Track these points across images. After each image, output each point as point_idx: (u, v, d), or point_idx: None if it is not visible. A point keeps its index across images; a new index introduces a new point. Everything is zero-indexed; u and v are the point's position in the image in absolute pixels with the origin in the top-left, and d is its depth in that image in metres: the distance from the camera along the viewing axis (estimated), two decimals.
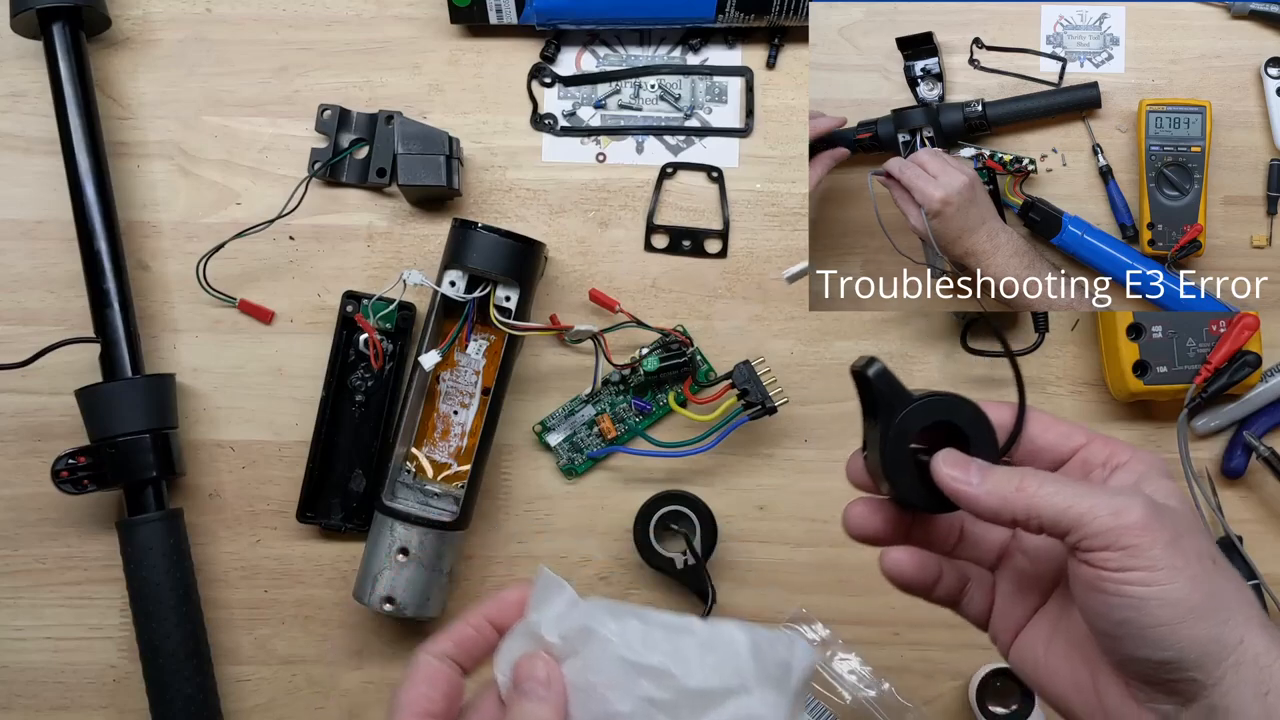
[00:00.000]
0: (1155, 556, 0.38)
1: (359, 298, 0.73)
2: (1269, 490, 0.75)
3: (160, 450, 0.70)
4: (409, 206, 0.76)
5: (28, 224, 0.76)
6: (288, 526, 0.74)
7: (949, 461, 0.42)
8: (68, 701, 0.74)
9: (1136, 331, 0.72)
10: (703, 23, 0.76)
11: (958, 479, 0.42)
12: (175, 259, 0.76)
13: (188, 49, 0.77)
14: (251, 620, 0.75)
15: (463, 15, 0.75)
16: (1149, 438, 0.76)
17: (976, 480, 0.42)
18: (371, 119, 0.76)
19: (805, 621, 0.74)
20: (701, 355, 0.75)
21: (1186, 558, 0.38)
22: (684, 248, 0.76)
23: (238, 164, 0.77)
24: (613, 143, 0.77)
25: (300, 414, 0.74)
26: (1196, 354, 0.72)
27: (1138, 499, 0.39)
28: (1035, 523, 0.40)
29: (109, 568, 0.73)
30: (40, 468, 0.70)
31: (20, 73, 0.76)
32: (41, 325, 0.75)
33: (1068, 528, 0.39)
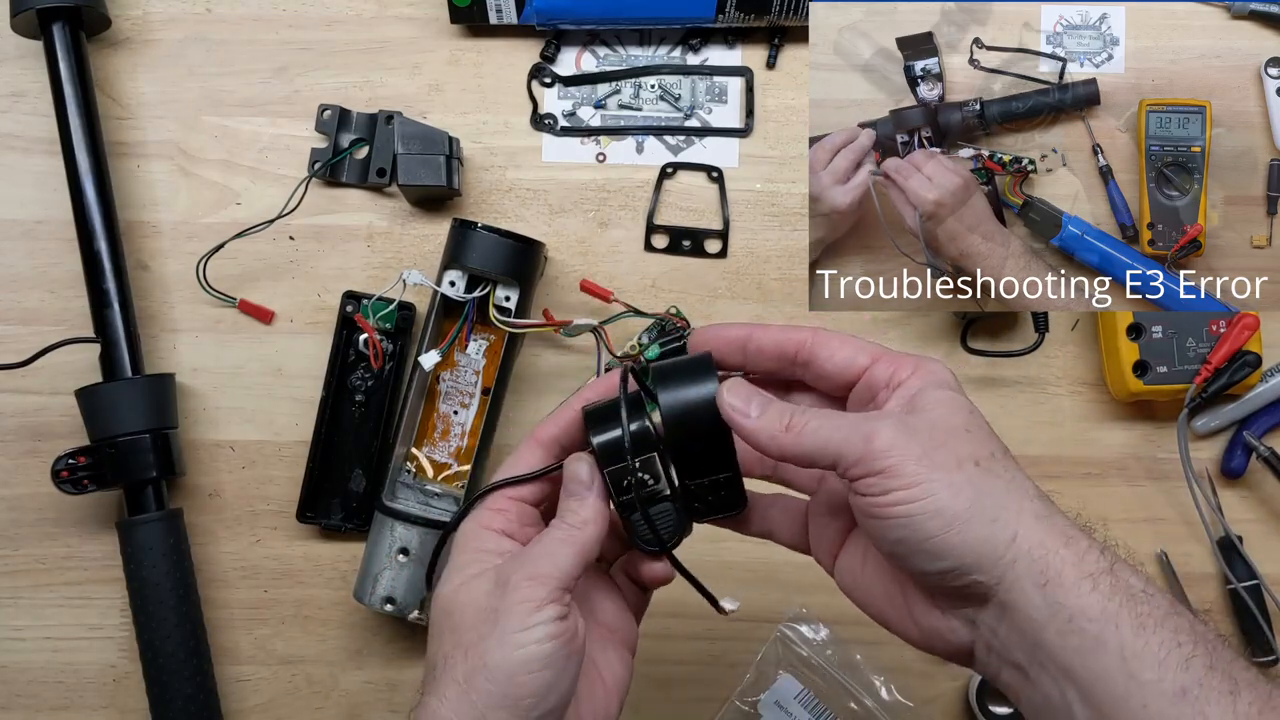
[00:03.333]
0: (909, 473, 0.39)
1: (359, 298, 0.73)
2: (1269, 490, 0.75)
3: (160, 450, 0.70)
4: (409, 206, 0.76)
5: (28, 224, 0.76)
6: (288, 526, 0.74)
7: (734, 390, 0.44)
8: (68, 701, 0.74)
9: (1136, 331, 0.72)
10: (703, 23, 0.76)
11: (737, 409, 0.43)
12: (175, 259, 0.76)
13: (187, 49, 0.77)
14: (251, 620, 0.75)
15: (463, 15, 0.75)
16: (1149, 438, 0.76)
17: (755, 413, 0.43)
18: (371, 119, 0.76)
19: (805, 621, 0.74)
20: None
21: (943, 467, 0.39)
22: (684, 248, 0.76)
23: (238, 164, 0.77)
24: (613, 143, 0.77)
25: (300, 414, 0.74)
26: (1196, 354, 0.72)
27: (885, 421, 0.40)
28: (806, 459, 0.42)
29: (109, 568, 0.73)
30: (40, 468, 0.70)
31: (20, 73, 0.76)
32: (41, 325, 0.75)
33: (832, 461, 0.41)
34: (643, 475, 0.46)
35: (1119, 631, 0.37)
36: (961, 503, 0.39)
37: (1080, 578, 0.38)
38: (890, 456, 0.39)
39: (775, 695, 0.72)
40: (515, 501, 0.48)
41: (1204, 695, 0.36)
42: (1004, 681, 0.41)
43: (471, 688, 0.41)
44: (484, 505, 0.48)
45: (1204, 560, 0.75)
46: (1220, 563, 0.73)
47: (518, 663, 0.41)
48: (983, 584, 0.39)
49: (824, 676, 0.73)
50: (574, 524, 0.45)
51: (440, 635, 0.44)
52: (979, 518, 0.39)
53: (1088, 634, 0.37)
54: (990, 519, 0.39)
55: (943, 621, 0.42)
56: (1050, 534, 0.39)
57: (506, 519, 0.47)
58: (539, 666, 0.42)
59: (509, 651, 0.41)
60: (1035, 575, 0.38)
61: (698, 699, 0.74)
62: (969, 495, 0.39)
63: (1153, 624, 0.37)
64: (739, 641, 0.74)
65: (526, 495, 0.48)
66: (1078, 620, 0.37)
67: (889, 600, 0.45)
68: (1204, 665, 0.36)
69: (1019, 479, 0.41)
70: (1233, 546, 0.73)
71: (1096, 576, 0.38)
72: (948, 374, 0.44)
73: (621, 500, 0.46)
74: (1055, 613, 0.38)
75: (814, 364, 0.46)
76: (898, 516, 0.39)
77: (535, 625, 0.42)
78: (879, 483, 0.39)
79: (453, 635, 0.43)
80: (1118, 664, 0.37)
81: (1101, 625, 0.37)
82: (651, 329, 0.74)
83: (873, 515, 0.40)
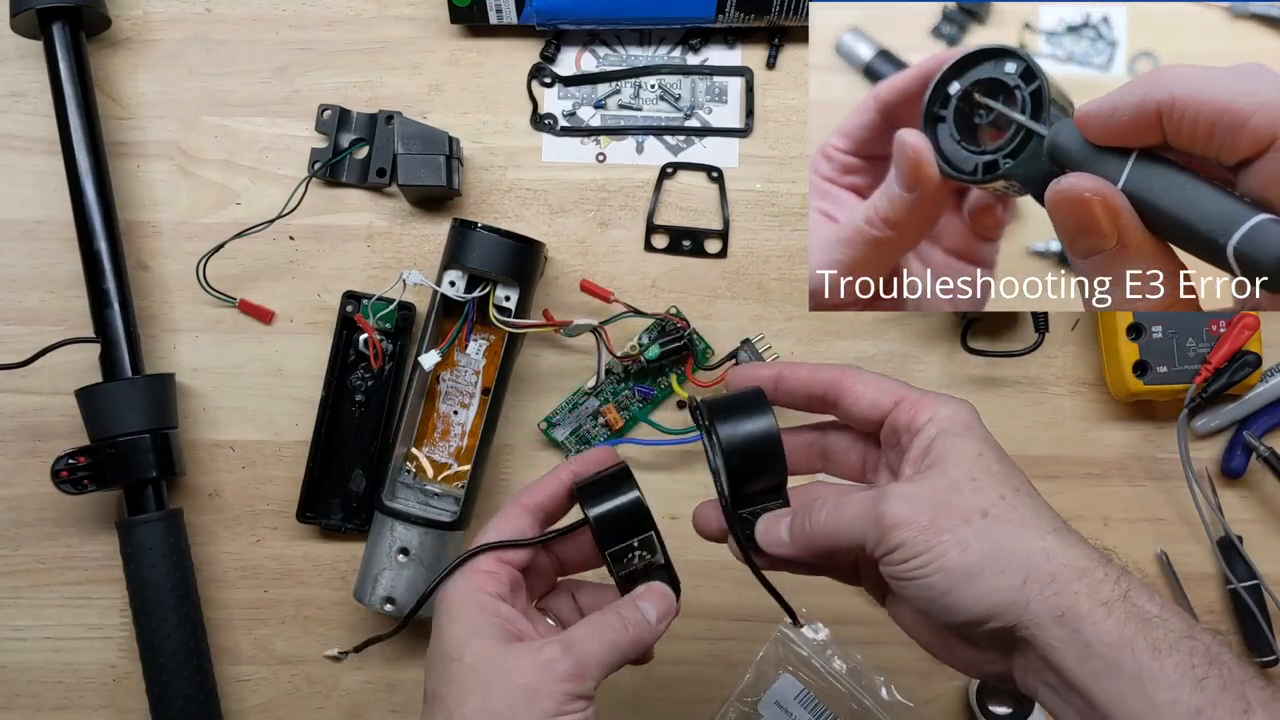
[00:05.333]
0: (918, 543, 0.41)
1: (359, 298, 0.73)
2: (1269, 490, 0.75)
3: (160, 450, 0.70)
4: (409, 206, 0.76)
5: (28, 224, 0.76)
6: (288, 526, 0.74)
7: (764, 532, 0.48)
8: (68, 701, 0.74)
9: (1136, 331, 0.72)
10: (703, 23, 0.76)
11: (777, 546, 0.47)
12: (175, 259, 0.76)
13: (187, 49, 0.77)
14: (251, 620, 0.75)
15: (463, 15, 0.75)
16: (1149, 438, 0.76)
17: (789, 539, 0.46)
18: (371, 119, 0.76)
19: (805, 621, 0.74)
20: (699, 335, 0.75)
21: (950, 529, 0.41)
22: (684, 248, 0.76)
23: (238, 164, 0.77)
24: (613, 143, 0.77)
25: (300, 414, 0.74)
26: (1196, 354, 0.72)
27: (886, 502, 0.42)
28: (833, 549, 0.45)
29: (109, 568, 0.73)
30: (40, 468, 0.70)
31: (20, 73, 0.76)
32: (41, 325, 0.75)
33: (856, 545, 0.44)
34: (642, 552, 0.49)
35: (1135, 655, 0.39)
36: (971, 558, 0.41)
37: (1094, 606, 0.40)
38: (899, 531, 0.42)
39: (775, 695, 0.72)
40: (505, 565, 0.49)
41: (1217, 715, 0.37)
42: (1043, 699, 0.43)
43: None
44: (476, 567, 0.48)
45: (1204, 560, 0.75)
46: (1220, 563, 0.73)
47: None
48: (1001, 629, 0.41)
49: (824, 676, 0.73)
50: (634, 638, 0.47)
51: (463, 696, 0.44)
52: (989, 570, 0.40)
53: (1104, 659, 0.39)
54: (1000, 569, 0.41)
55: (979, 656, 0.45)
56: (1064, 568, 0.41)
57: (498, 582, 0.48)
58: None
59: None
60: (1050, 610, 0.40)
61: (698, 699, 0.74)
62: (977, 550, 0.41)
63: (1167, 647, 0.39)
64: (739, 641, 0.74)
65: (514, 560, 0.49)
66: (1095, 647, 0.39)
67: (933, 637, 0.47)
68: (1217, 686, 0.38)
69: (1030, 517, 0.42)
70: (1233, 546, 0.73)
71: (1111, 604, 0.40)
72: (965, 414, 0.45)
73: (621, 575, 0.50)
74: (1073, 641, 0.39)
75: (841, 405, 0.48)
76: (914, 579, 0.42)
77: (569, 713, 0.44)
78: (899, 555, 0.42)
79: (478, 700, 0.44)
80: (1134, 687, 0.38)
81: (1118, 650, 0.39)
82: (651, 329, 0.75)
83: (894, 579, 0.43)
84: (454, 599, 0.47)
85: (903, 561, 0.41)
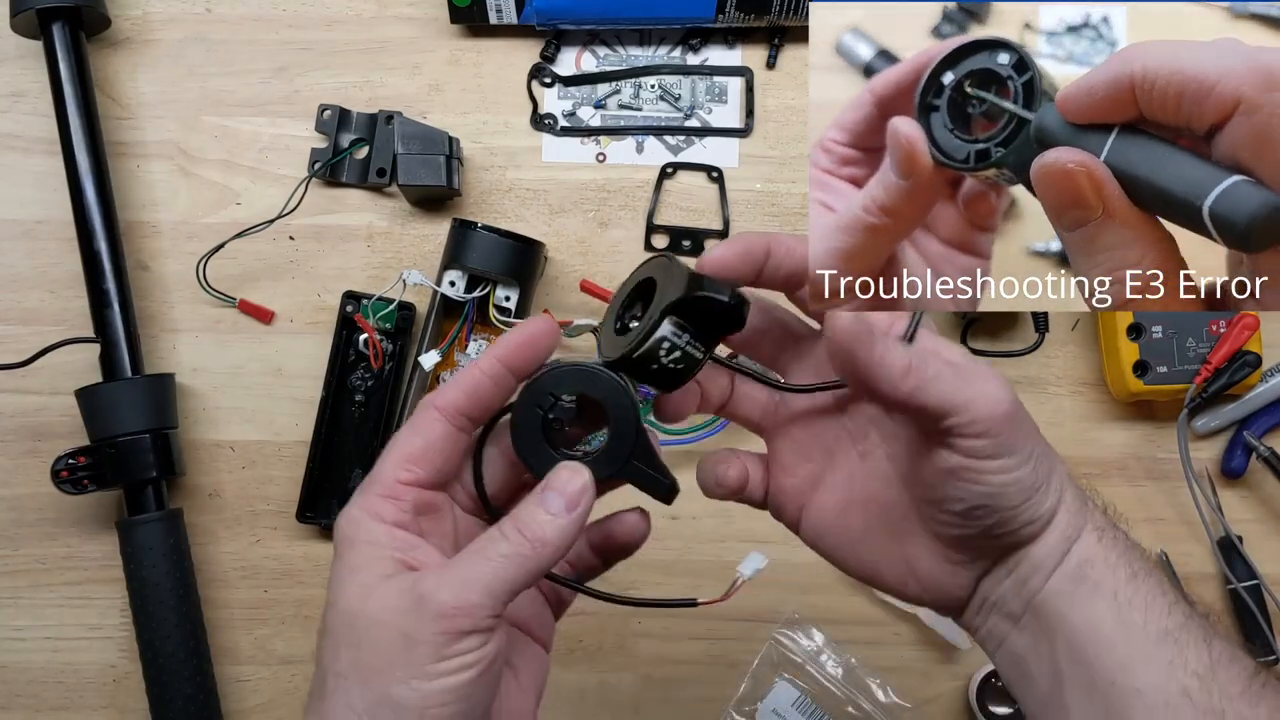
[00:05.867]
0: (1016, 445, 0.39)
1: (359, 298, 0.73)
2: (1269, 490, 0.75)
3: (160, 450, 0.70)
4: (409, 206, 0.76)
5: (28, 224, 0.76)
6: (288, 526, 0.74)
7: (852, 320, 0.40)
8: (68, 701, 0.74)
9: (1136, 331, 0.72)
10: (703, 23, 0.76)
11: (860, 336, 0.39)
12: (175, 259, 0.76)
13: (187, 49, 0.77)
14: (251, 620, 0.75)
15: (463, 15, 0.75)
16: (1149, 437, 0.76)
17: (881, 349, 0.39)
18: (371, 119, 0.76)
19: (799, 625, 0.74)
20: None
21: (1034, 441, 0.40)
22: (684, 248, 0.76)
23: (238, 164, 0.76)
24: (613, 143, 0.77)
25: (300, 414, 0.74)
26: (1196, 354, 0.72)
27: (1006, 389, 0.39)
28: (915, 405, 0.39)
29: (109, 568, 0.73)
30: (40, 468, 0.70)
31: (20, 73, 0.76)
32: (41, 325, 0.75)
33: (948, 413, 0.38)
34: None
35: (1116, 577, 0.40)
36: (1040, 475, 0.40)
37: (1091, 530, 0.41)
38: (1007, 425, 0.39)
39: (772, 703, 0.72)
40: (410, 487, 0.40)
41: (1184, 639, 0.39)
42: (987, 630, 0.43)
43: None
44: (371, 490, 0.40)
45: (1204, 560, 0.75)
46: (1220, 563, 0.73)
47: (428, 696, 0.36)
48: (1022, 542, 0.41)
49: (820, 681, 0.73)
50: (533, 540, 0.38)
51: (336, 649, 0.38)
52: (1045, 488, 0.40)
53: (1089, 580, 0.40)
54: (1052, 489, 0.41)
55: (949, 575, 0.42)
56: (1077, 495, 0.42)
57: (399, 508, 0.39)
58: (452, 699, 0.36)
59: (420, 684, 0.36)
60: (1064, 533, 0.41)
61: (698, 699, 0.74)
62: (1044, 470, 0.40)
63: (1143, 574, 0.40)
64: (739, 641, 0.74)
65: (423, 478, 0.40)
66: (1084, 568, 0.40)
67: (884, 555, 0.43)
68: (1184, 614, 0.40)
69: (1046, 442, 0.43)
70: (1233, 546, 0.73)
71: (1102, 530, 0.41)
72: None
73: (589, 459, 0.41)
74: (1067, 563, 0.40)
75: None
76: (992, 484, 0.39)
77: (453, 657, 0.36)
78: (990, 448, 0.38)
79: (352, 653, 0.37)
80: (1109, 607, 0.40)
81: (1103, 572, 0.40)
82: None
83: (965, 477, 0.39)
84: (344, 529, 0.39)
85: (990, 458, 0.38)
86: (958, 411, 0.38)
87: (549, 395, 0.41)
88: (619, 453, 0.41)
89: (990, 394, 0.38)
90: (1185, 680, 0.38)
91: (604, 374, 0.42)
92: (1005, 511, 0.40)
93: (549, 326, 0.42)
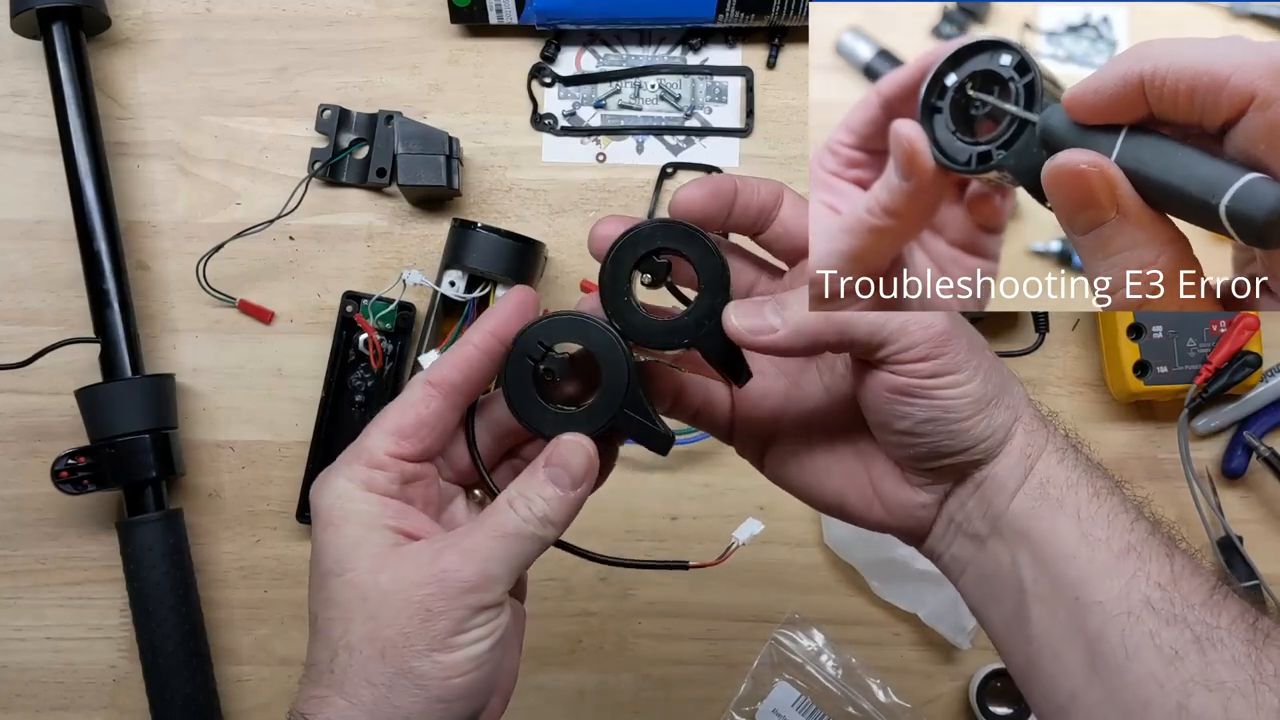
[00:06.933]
0: (960, 361, 0.40)
1: (359, 298, 0.73)
2: (1269, 490, 0.75)
3: (160, 450, 0.70)
4: (409, 206, 0.76)
5: (28, 224, 0.76)
6: (288, 526, 0.74)
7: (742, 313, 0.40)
8: (68, 701, 0.74)
9: (1137, 331, 0.72)
10: (703, 23, 0.76)
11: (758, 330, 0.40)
12: (175, 259, 0.76)
13: (187, 49, 0.77)
14: (251, 620, 0.75)
15: (463, 15, 0.75)
16: (1149, 438, 0.76)
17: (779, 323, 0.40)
18: (371, 119, 0.76)
19: (799, 626, 0.74)
20: None
21: (980, 356, 0.40)
22: None
23: (238, 164, 0.76)
24: (613, 143, 0.77)
25: (300, 414, 0.74)
26: (1197, 354, 0.72)
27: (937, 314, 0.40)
28: (844, 344, 0.40)
29: (109, 568, 0.73)
30: (40, 468, 0.70)
31: (20, 73, 0.76)
32: (41, 325, 0.75)
33: (881, 343, 0.39)
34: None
35: (1077, 495, 0.41)
36: (991, 389, 0.40)
37: (1052, 450, 0.41)
38: (947, 344, 0.39)
39: (772, 704, 0.72)
40: (396, 459, 0.41)
41: (1146, 553, 0.40)
42: (952, 555, 0.43)
43: (395, 693, 0.38)
44: (358, 461, 0.40)
45: (1204, 560, 0.75)
46: (1220, 563, 0.73)
47: (449, 667, 0.38)
48: (981, 461, 0.41)
49: (820, 682, 0.73)
50: (542, 518, 0.40)
51: (348, 621, 0.39)
52: (998, 403, 0.41)
53: (1051, 498, 0.41)
54: (1005, 405, 0.41)
55: (913, 497, 0.43)
56: (1035, 416, 0.42)
57: (388, 479, 0.40)
58: (473, 667, 0.38)
59: (441, 656, 0.38)
60: (1023, 450, 0.41)
61: (698, 699, 0.74)
62: (995, 382, 0.41)
63: (1106, 492, 0.41)
64: (740, 642, 0.74)
65: (413, 452, 0.41)
66: (1046, 487, 0.41)
67: (849, 479, 0.44)
68: (1146, 530, 0.40)
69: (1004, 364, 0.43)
70: (1233, 546, 0.73)
71: (1064, 451, 0.42)
72: None
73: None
74: (1029, 481, 0.41)
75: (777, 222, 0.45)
76: (941, 399, 0.40)
77: (473, 629, 0.38)
78: (933, 367, 0.39)
79: (367, 625, 0.38)
80: (1072, 524, 0.40)
81: (1064, 490, 0.41)
82: None
83: (915, 396, 0.40)
84: (331, 499, 0.40)
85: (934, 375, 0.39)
86: (892, 339, 0.39)
87: (539, 344, 0.41)
88: (611, 404, 0.41)
89: (920, 318, 0.40)
90: (1148, 591, 0.39)
91: (594, 322, 0.42)
92: (955, 424, 0.40)
93: (531, 293, 0.43)
